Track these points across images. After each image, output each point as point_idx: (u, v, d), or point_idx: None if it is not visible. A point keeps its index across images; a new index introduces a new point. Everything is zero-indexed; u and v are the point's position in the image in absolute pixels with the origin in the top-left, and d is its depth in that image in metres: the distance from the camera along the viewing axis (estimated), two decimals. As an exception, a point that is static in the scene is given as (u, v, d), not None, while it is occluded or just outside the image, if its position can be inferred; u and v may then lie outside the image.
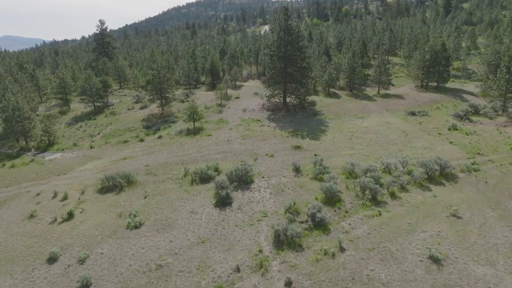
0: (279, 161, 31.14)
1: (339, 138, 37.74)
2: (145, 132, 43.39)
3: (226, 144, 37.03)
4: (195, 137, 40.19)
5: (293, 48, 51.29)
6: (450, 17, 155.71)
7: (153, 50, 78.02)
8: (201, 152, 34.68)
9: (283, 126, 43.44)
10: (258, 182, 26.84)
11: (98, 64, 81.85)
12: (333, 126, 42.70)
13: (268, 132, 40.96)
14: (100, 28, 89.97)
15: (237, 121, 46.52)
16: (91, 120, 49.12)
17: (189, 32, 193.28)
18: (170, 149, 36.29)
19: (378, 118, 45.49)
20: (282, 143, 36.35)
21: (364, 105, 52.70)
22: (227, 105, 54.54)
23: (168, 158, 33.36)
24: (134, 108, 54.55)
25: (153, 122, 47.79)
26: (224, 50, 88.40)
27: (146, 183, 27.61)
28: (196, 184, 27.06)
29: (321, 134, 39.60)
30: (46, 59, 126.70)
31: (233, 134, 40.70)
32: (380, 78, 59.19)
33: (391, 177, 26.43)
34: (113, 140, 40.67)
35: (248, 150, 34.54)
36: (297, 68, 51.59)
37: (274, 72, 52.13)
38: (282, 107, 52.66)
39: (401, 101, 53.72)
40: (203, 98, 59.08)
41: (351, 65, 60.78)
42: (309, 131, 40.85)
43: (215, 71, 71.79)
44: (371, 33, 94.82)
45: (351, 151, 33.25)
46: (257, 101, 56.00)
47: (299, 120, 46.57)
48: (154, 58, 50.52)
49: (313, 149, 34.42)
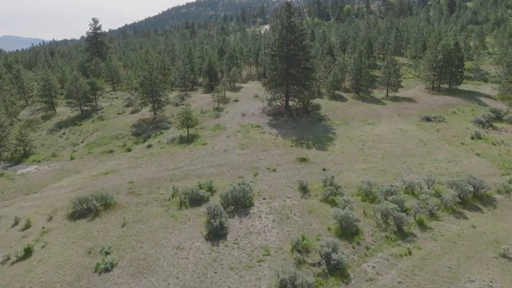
0: (283, 177, 26.83)
1: (349, 148, 33.41)
2: (133, 140, 39.07)
3: (222, 155, 32.71)
4: (189, 147, 35.88)
5: (296, 47, 46.94)
6: (454, 16, 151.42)
7: (148, 49, 73.64)
8: (194, 165, 30.35)
9: (286, 134, 39.12)
10: (258, 205, 22.53)
11: (90, 64, 77.49)
12: (341, 134, 38.37)
13: (269, 140, 36.65)
14: (94, 27, 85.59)
15: (236, 127, 42.22)
16: (76, 126, 44.80)
17: (188, 32, 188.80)
18: (159, 161, 31.96)
19: (390, 124, 41.15)
20: (285, 154, 32.03)
21: (373, 109, 48.34)
22: (225, 108, 50.23)
23: (156, 173, 29.03)
24: (124, 113, 50.22)
25: (144, 128, 43.46)
26: (222, 50, 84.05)
27: (127, 206, 23.29)
28: (186, 207, 22.75)
29: (329, 143, 35.28)
30: (41, 59, 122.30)
31: (230, 142, 36.40)
32: (389, 80, 54.85)
33: (416, 200, 22.16)
34: (97, 149, 36.34)
35: (247, 162, 30.23)
36: (300, 69, 47.25)
37: (275, 74, 47.79)
38: (284, 111, 48.32)
39: (413, 104, 49.35)
40: (199, 101, 54.74)
41: (358, 66, 56.44)
42: (315, 139, 36.54)
43: (213, 72, 67.45)
44: (375, 32, 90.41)
45: (364, 165, 28.91)
46: (257, 104, 51.69)
47: (303, 126, 42.24)
48: (146, 58, 46.03)
49: (321, 161, 30.09)
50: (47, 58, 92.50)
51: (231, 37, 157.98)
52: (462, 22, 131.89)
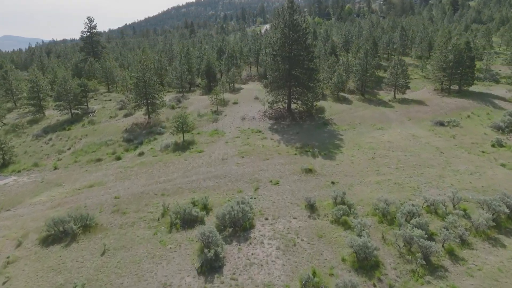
0: (287, 192, 23.82)
1: (359, 157, 30.37)
2: (124, 147, 36.05)
3: (220, 164, 29.69)
4: (184, 155, 32.85)
5: (299, 47, 43.88)
6: (457, 15, 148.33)
7: (145, 48, 70.59)
8: (188, 177, 27.32)
9: (289, 140, 36.10)
10: (260, 227, 19.53)
11: (85, 65, 74.44)
12: (349, 140, 35.34)
13: (271, 147, 33.63)
14: (89, 26, 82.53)
15: (235, 132, 39.20)
16: (64, 130, 41.74)
17: (187, 31, 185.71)
18: (150, 172, 28.93)
19: (400, 130, 38.12)
20: (289, 164, 29.01)
21: (381, 112, 45.30)
22: (224, 112, 47.19)
23: (146, 186, 26.01)
24: (117, 116, 47.17)
25: (137, 133, 40.42)
26: (222, 50, 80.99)
27: (110, 228, 20.27)
28: (177, 229, 19.75)
29: (336, 151, 32.24)
30: (37, 59, 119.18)
31: (229, 150, 33.38)
32: (396, 81, 51.80)
33: (442, 222, 19.16)
34: (84, 157, 33.31)
35: (247, 174, 27.21)
36: (303, 70, 44.20)
37: (277, 75, 44.75)
38: (287, 114, 45.28)
39: (423, 107, 46.31)
40: (196, 104, 51.70)
41: (363, 66, 53.38)
42: (320, 146, 33.52)
43: (212, 72, 64.39)
44: (379, 31, 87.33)
45: (377, 177, 25.89)
46: (257, 107, 48.65)
47: (307, 131, 39.22)
48: (140, 58, 43.01)
49: (329, 173, 27.06)
50: (41, 58, 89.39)
51: (231, 36, 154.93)
52: (466, 21, 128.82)
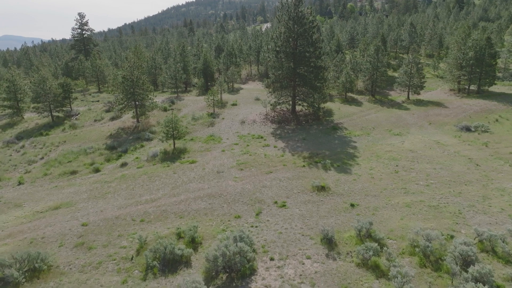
0: (296, 218, 19.00)
1: (380, 170, 25.52)
2: (106, 156, 31.17)
3: (215, 179, 24.86)
4: (173, 166, 28.02)
5: (305, 42, 39.03)
6: (463, 13, 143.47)
7: (138, 45, 65.70)
8: (176, 196, 22.49)
9: (295, 147, 31.26)
10: (263, 273, 14.70)
11: (74, 63, 69.55)
12: (364, 148, 30.50)
13: (275, 157, 28.80)
14: (80, 23, 77.57)
15: (233, 139, 34.39)
16: (41, 136, 36.84)
17: (186, 30, 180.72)
18: (131, 189, 24.08)
19: (422, 136, 33.25)
20: (297, 179, 24.17)
21: (396, 115, 40.42)
22: (221, 114, 42.34)
23: (124, 208, 21.17)
24: (102, 119, 42.29)
25: (122, 139, 35.56)
26: (220, 47, 76.12)
27: (67, 272, 15.43)
28: (154, 274, 14.91)
29: (351, 162, 27.39)
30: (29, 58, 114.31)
31: (226, 160, 28.55)
32: (410, 81, 46.91)
33: (504, 266, 14.32)
34: (57, 169, 28.43)
35: (247, 192, 22.38)
36: (310, 68, 39.36)
37: (280, 73, 39.88)
38: (291, 118, 40.42)
39: (443, 110, 41.39)
40: (191, 105, 46.83)
41: (374, 64, 48.49)
42: (332, 156, 28.70)
43: (209, 71, 59.55)
44: (386, 28, 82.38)
45: (406, 197, 21.04)
46: (258, 109, 43.79)
47: (314, 137, 34.36)
48: (126, 55, 38.17)
49: (346, 191, 22.23)
50: (30, 57, 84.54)
51: (231, 35, 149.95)
52: (473, 19, 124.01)
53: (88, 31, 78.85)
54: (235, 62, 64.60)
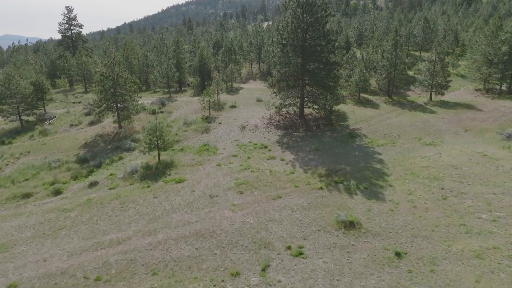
0: (321, 277, 12.93)
1: (420, 193, 19.40)
2: (73, 172, 25.05)
3: (206, 206, 18.76)
4: (155, 186, 21.91)
5: (316, 34, 32.86)
6: (471, 10, 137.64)
7: (127, 42, 59.55)
8: (153, 234, 16.39)
9: (307, 161, 25.15)
10: None
11: (59, 61, 63.43)
12: (393, 162, 24.37)
13: (283, 174, 22.70)
14: (67, 17, 71.40)
15: (231, 148, 28.29)
16: (3, 145, 30.70)
17: (184, 28, 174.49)
18: (94, 221, 17.96)
19: (460, 146, 27.11)
20: (315, 208, 18.08)
21: (422, 120, 34.26)
22: (218, 118, 36.23)
23: (76, 256, 15.07)
24: (80, 124, 36.16)
25: (98, 149, 29.45)
26: (218, 44, 69.98)
27: None
28: None
29: (381, 181, 21.28)
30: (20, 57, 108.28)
31: (222, 178, 22.45)
32: (433, 80, 40.77)
33: None
34: (7, 191, 22.25)
35: (249, 229, 16.30)
36: (321, 64, 33.21)
37: (287, 71, 33.71)
38: (300, 122, 34.28)
39: (477, 114, 35.23)
40: (184, 108, 40.69)
41: (392, 61, 42.32)
42: (355, 173, 22.61)
43: (206, 69, 53.41)
44: (397, 23, 76.19)
45: (471, 242, 14.91)
46: (261, 111, 37.65)
47: (329, 146, 28.24)
48: (105, 49, 32.14)
49: (383, 229, 16.11)
50: (16, 55, 78.41)
51: (230, 33, 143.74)
52: (484, 15, 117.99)
53: (77, 27, 72.64)
54: (235, 59, 58.43)
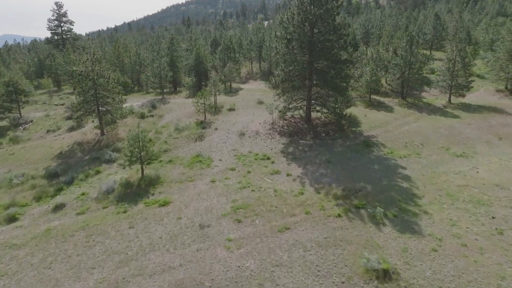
0: None
1: (466, 224, 15.18)
2: (38, 191, 20.79)
3: (194, 242, 14.56)
4: (133, 211, 17.69)
5: (326, 28, 28.66)
6: (477, 8, 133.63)
7: (118, 39, 55.29)
8: (120, 284, 12.14)
9: (319, 177, 20.93)
10: None
11: (47, 60, 59.15)
12: (422, 179, 20.16)
13: (290, 195, 18.50)
14: (57, 13, 67.08)
15: (228, 160, 24.11)
16: (-35, 155, 26.48)
17: (183, 27, 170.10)
18: (47, 265, 13.73)
19: (499, 159, 22.87)
20: (334, 247, 13.85)
21: (446, 126, 30.01)
22: (215, 123, 32.01)
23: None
24: (59, 129, 31.92)
25: (74, 161, 25.21)
26: (216, 41, 65.71)
27: None
28: None
29: (412, 206, 17.06)
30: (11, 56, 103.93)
31: (216, 200, 18.24)
32: (453, 80, 36.55)
33: None
34: (-50, 217, 18.01)
35: (248, 279, 12.09)
36: (331, 62, 29.00)
37: (292, 70, 29.46)
38: (307, 128, 30.04)
39: (508, 118, 30.95)
40: (177, 111, 36.47)
41: (407, 59, 38.07)
42: (378, 193, 18.41)
43: (202, 68, 49.13)
44: (405, 21, 71.95)
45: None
46: (262, 115, 33.44)
47: (342, 157, 24.01)
48: (84, 45, 28.11)
49: (429, 283, 11.89)
50: (2, 55, 74.17)
51: (230, 32, 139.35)
52: (491, 13, 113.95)
53: (67, 23, 68.28)
54: (234, 57, 54.16)
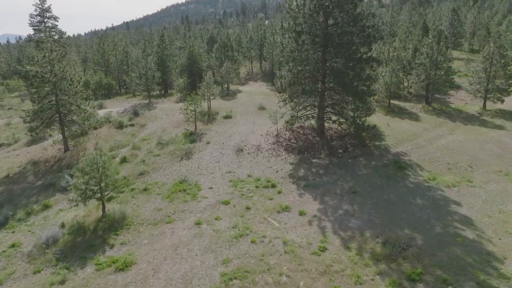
0: None
1: None
2: (-46, 239, 14.83)
3: None
4: (76, 280, 11.75)
5: (344, 17, 22.80)
6: (486, 6, 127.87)
7: (103, 35, 49.30)
8: None
9: (343, 216, 15.06)
10: None
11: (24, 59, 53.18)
12: (488, 223, 14.27)
13: (306, 251, 12.62)
14: (40, 8, 60.85)
15: (221, 187, 18.27)
16: None
17: (182, 26, 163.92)
18: None
19: None
20: None
21: (494, 140, 24.04)
22: (206, 134, 26.12)
23: None
24: (16, 143, 25.97)
25: (20, 188, 19.26)
26: (213, 39, 59.78)
27: None
28: None
29: (493, 278, 11.12)
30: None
31: (199, 261, 12.34)
32: (489, 83, 30.67)
33: None
34: None
35: None
36: (351, 61, 23.11)
37: (302, 70, 23.52)
38: (320, 143, 24.09)
39: None
40: (163, 119, 30.53)
41: (433, 58, 32.15)
42: (435, 249, 12.51)
43: (196, 68, 43.24)
44: (417, 17, 66.11)
45: None
46: (264, 124, 27.54)
47: (370, 185, 18.11)
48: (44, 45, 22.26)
49: None
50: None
51: (230, 31, 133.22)
52: (502, 11, 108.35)
53: (52, 19, 62.06)
54: (232, 56, 48.22)
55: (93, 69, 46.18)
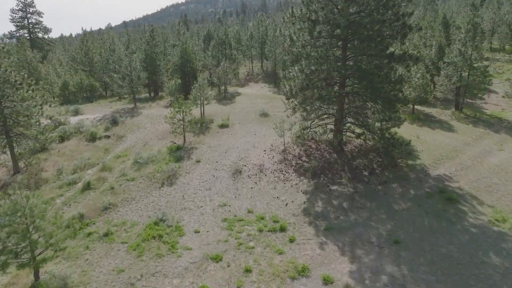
0: None
1: None
2: None
3: None
4: None
5: (372, 4, 17.60)
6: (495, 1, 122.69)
7: (86, 32, 44.14)
8: None
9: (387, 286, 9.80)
10: None
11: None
12: None
13: None
14: (22, 3, 55.77)
15: (211, 231, 13.06)
16: None
17: (181, 25, 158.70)
18: None
19: None
20: None
21: (559, 159, 18.88)
22: (197, 149, 20.95)
23: None
24: (-41, 160, 20.71)
25: None
26: (210, 36, 54.62)
27: None
28: None
29: None
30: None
31: None
32: (536, 85, 25.46)
33: None
34: None
35: None
36: (379, 59, 17.97)
37: (317, 70, 18.30)
38: (339, 163, 18.88)
39: None
40: (147, 128, 25.33)
41: (467, 57, 26.96)
42: None
43: (189, 68, 38.01)
44: (432, 12, 60.80)
45: None
46: (268, 135, 22.36)
47: (414, 227, 12.92)
48: None
49: None
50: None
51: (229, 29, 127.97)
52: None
53: (35, 14, 57.00)
54: (230, 55, 43.00)
55: (74, 68, 40.99)
